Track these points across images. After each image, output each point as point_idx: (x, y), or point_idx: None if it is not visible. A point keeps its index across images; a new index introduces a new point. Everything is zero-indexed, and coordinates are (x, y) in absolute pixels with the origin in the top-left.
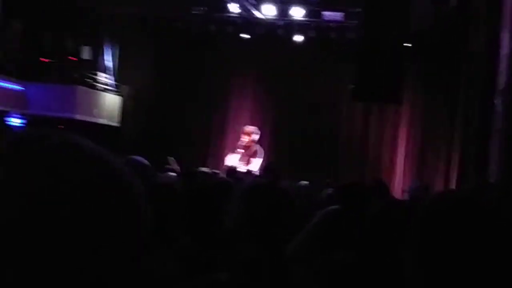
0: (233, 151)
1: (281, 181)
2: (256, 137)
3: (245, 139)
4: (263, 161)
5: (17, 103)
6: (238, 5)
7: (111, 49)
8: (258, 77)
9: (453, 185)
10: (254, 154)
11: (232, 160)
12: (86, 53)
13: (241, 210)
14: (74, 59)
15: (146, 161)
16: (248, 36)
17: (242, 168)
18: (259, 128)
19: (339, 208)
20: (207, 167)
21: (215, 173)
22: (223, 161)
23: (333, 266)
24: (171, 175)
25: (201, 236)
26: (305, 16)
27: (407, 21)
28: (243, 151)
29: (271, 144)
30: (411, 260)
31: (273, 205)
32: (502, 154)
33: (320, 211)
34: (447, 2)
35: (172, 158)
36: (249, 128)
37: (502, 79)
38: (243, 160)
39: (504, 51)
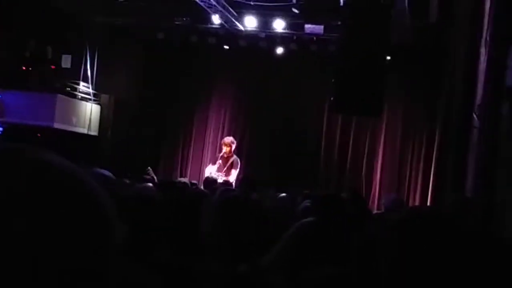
0: (213, 162)
1: (258, 192)
2: (234, 147)
3: (225, 149)
4: (239, 172)
5: None
6: (219, 17)
7: (91, 57)
8: (239, 88)
9: (430, 199)
10: (232, 165)
11: (210, 170)
12: (66, 62)
13: (214, 222)
14: (54, 67)
15: (109, 173)
16: (229, 48)
17: (220, 178)
18: (240, 139)
19: (314, 220)
20: (186, 177)
21: (193, 184)
22: (202, 171)
23: (317, 281)
24: (149, 186)
25: (179, 247)
26: (287, 28)
27: (387, 35)
28: (220, 161)
29: (251, 155)
30: (387, 273)
31: (244, 217)
32: (477, 168)
33: (296, 222)
34: (426, 17)
35: (150, 168)
36: (229, 139)
37: (479, 94)
38: (221, 171)
39: (482, 66)
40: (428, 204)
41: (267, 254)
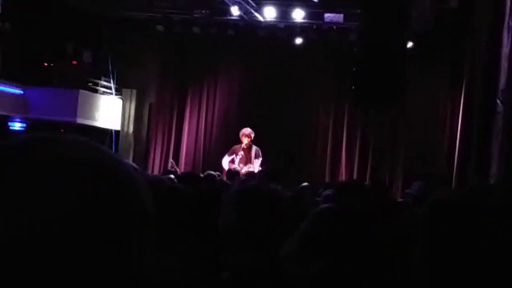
0: (229, 153)
1: (280, 182)
2: (252, 137)
3: (245, 141)
4: (262, 162)
5: (18, 107)
6: (238, 8)
7: (112, 52)
8: (259, 79)
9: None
10: (255, 155)
11: (231, 161)
12: (87, 57)
13: (230, 212)
14: (75, 63)
15: (135, 165)
16: (248, 39)
17: (243, 170)
18: (261, 131)
19: (333, 206)
20: (208, 170)
21: (214, 175)
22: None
23: (330, 270)
24: (170, 177)
25: (203, 237)
26: (306, 18)
27: (407, 21)
28: (242, 153)
29: (270, 147)
30: (418, 257)
31: (262, 207)
32: (502, 154)
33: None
34: (448, 2)
35: (173, 161)
36: (248, 130)
37: (503, 79)
38: (244, 162)
39: (505, 50)
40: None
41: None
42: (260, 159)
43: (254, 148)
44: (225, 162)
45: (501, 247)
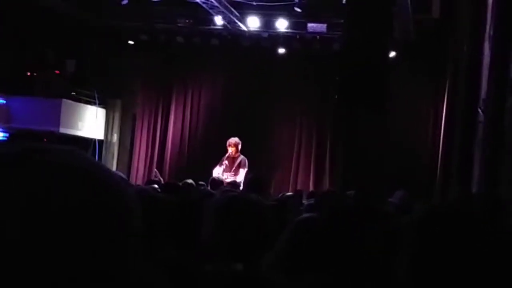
0: (220, 164)
1: (265, 192)
2: (239, 147)
3: (230, 150)
4: (247, 172)
5: (0, 117)
6: (222, 18)
7: (95, 61)
8: (243, 88)
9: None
10: (239, 165)
11: (218, 171)
12: (70, 66)
13: (213, 221)
14: (58, 72)
15: (122, 174)
16: (232, 48)
17: (228, 179)
18: (245, 140)
19: (312, 216)
20: (191, 178)
21: (200, 184)
22: (208, 173)
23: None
24: (155, 187)
25: (182, 247)
26: (289, 27)
27: (390, 31)
28: (226, 162)
29: (255, 155)
30: (404, 266)
31: (244, 217)
32: (483, 163)
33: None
34: (429, 13)
35: (157, 171)
36: (233, 140)
37: (484, 88)
38: (228, 171)
39: (486, 60)
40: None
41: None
42: (246, 169)
43: (240, 158)
44: (215, 171)
45: (487, 255)
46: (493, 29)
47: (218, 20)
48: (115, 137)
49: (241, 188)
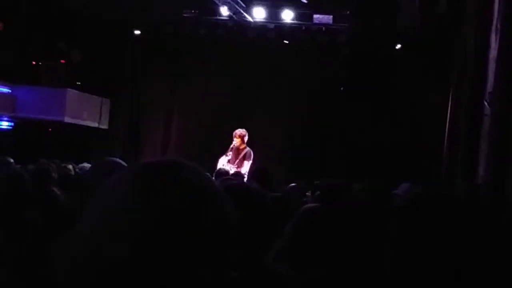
0: (226, 154)
1: (270, 183)
2: (246, 139)
3: (235, 141)
4: (253, 164)
5: (6, 106)
6: (228, 8)
7: (101, 52)
8: (248, 80)
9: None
10: (244, 157)
11: (223, 162)
12: (76, 56)
13: None
14: (64, 62)
15: (123, 162)
16: (238, 39)
17: (231, 171)
18: (250, 131)
19: (316, 206)
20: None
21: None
22: (214, 164)
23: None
24: None
25: None
26: (295, 19)
27: (395, 24)
28: (231, 153)
29: (259, 147)
30: (393, 256)
31: (243, 206)
32: (489, 157)
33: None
34: (436, 6)
35: None
36: (239, 131)
37: (490, 81)
38: (232, 162)
39: (493, 53)
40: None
41: (271, 244)
42: (250, 161)
43: (245, 149)
44: (220, 161)
45: (474, 240)
46: (500, 21)
47: (224, 11)
48: (120, 127)
49: (245, 179)
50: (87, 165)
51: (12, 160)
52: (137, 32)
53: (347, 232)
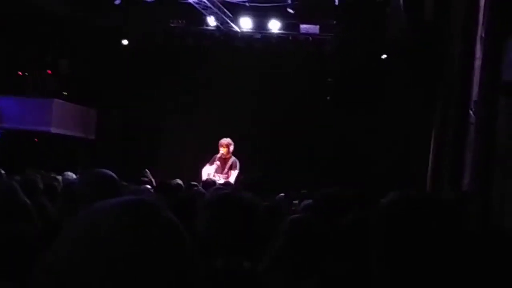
0: (210, 163)
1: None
2: (231, 148)
3: (222, 151)
4: (239, 174)
5: None
6: (215, 18)
7: (88, 62)
8: (236, 89)
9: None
10: (231, 167)
11: (208, 171)
12: (63, 66)
13: (205, 219)
14: (50, 72)
15: (113, 174)
16: (225, 49)
17: (220, 180)
18: (237, 140)
19: (305, 216)
20: (182, 179)
21: (192, 185)
22: (199, 172)
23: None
24: (147, 188)
25: None
26: (282, 29)
27: (382, 33)
28: (218, 163)
29: (247, 156)
30: (377, 259)
31: (234, 215)
32: (475, 165)
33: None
34: (422, 15)
35: (148, 171)
36: (226, 141)
37: (475, 90)
38: (220, 172)
39: (478, 62)
40: None
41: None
42: (237, 171)
43: (232, 159)
44: (204, 170)
45: (460, 242)
46: (484, 31)
47: (211, 21)
48: (107, 137)
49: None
50: (71, 174)
51: (3, 172)
52: (124, 42)
53: (339, 241)
